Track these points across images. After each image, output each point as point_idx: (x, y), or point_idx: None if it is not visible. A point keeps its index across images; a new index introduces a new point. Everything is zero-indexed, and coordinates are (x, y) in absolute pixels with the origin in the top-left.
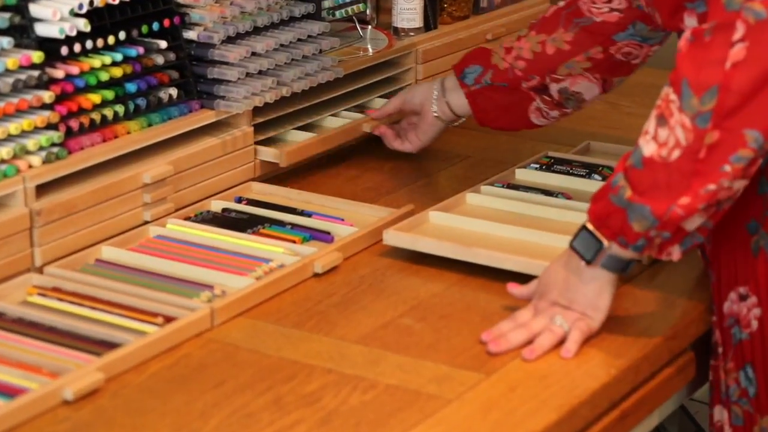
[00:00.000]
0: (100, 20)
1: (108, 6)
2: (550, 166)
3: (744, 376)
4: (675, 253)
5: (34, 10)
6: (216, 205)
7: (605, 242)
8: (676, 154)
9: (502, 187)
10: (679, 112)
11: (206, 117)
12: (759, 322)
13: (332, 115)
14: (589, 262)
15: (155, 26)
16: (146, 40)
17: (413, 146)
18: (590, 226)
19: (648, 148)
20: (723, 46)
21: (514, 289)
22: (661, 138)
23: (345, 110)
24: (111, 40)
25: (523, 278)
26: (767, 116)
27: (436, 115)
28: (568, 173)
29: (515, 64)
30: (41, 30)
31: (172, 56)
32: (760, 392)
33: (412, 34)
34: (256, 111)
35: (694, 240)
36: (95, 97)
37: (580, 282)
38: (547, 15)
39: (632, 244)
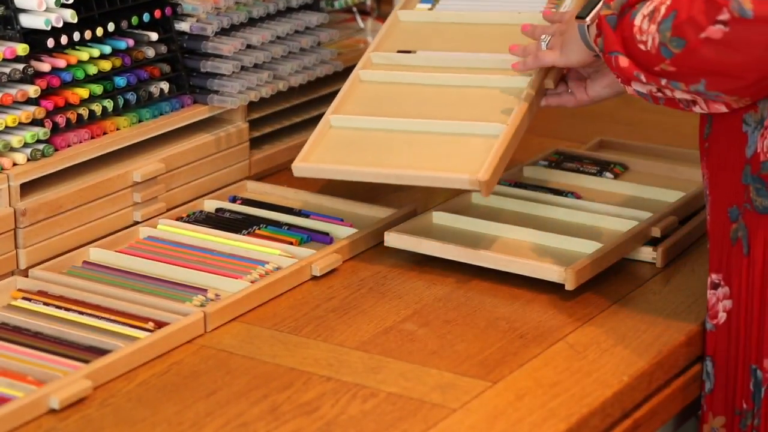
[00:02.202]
0: (88, 11)
1: None
2: (559, 163)
3: (702, 369)
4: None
5: (18, 0)
6: (209, 205)
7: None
8: (642, 47)
9: (509, 185)
10: (656, 25)
11: (199, 112)
12: (728, 315)
13: None
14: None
15: (146, 17)
16: (136, 31)
17: (578, 101)
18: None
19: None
20: (708, 16)
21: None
22: (644, 26)
23: None
24: (99, 31)
25: (531, 282)
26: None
27: None
28: (578, 171)
29: None
30: (26, 21)
31: (163, 49)
32: (717, 390)
33: None
34: (252, 106)
35: None
36: (83, 92)
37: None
38: None
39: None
